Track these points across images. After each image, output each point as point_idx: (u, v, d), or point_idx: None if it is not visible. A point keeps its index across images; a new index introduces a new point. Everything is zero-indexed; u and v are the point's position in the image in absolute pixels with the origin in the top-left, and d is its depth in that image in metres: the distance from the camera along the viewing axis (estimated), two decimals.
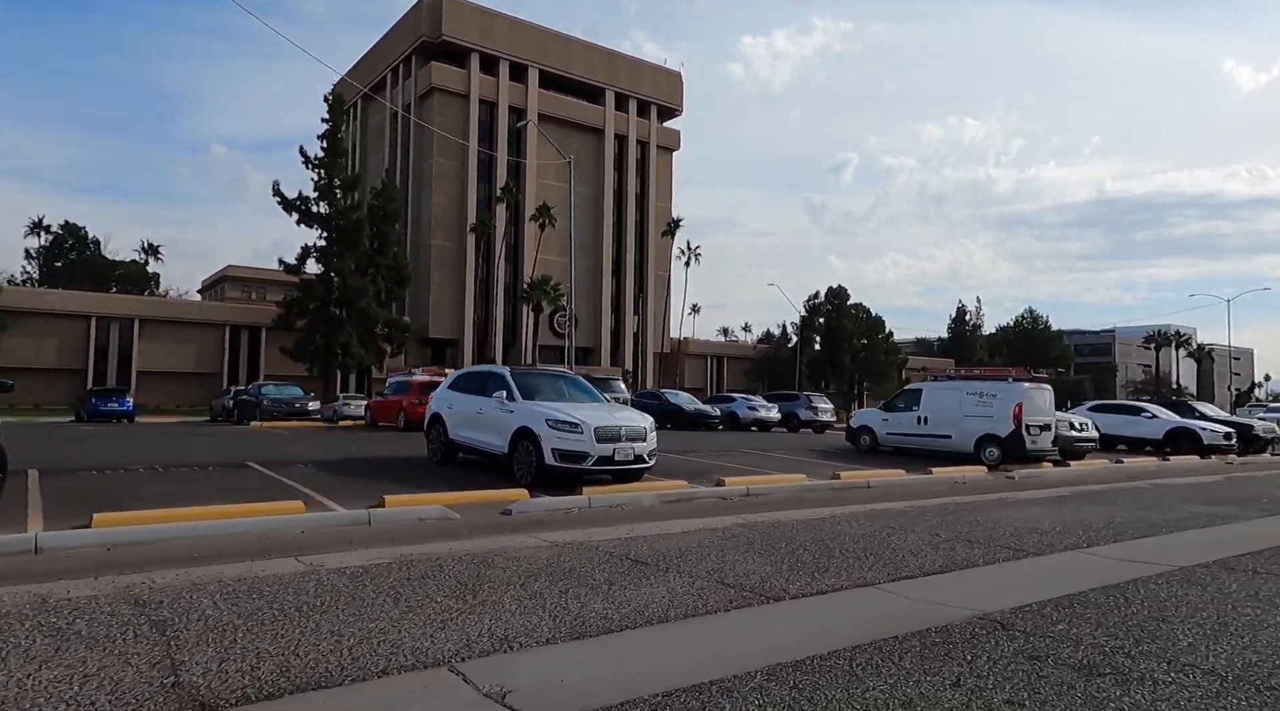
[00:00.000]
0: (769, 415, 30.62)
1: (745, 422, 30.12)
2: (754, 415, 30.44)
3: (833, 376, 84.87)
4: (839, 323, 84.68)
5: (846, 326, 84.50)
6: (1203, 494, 12.70)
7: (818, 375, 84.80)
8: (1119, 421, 23.47)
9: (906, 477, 13.54)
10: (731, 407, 31.37)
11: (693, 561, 6.33)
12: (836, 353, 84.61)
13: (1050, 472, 15.52)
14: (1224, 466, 19.04)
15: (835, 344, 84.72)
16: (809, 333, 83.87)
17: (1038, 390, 17.06)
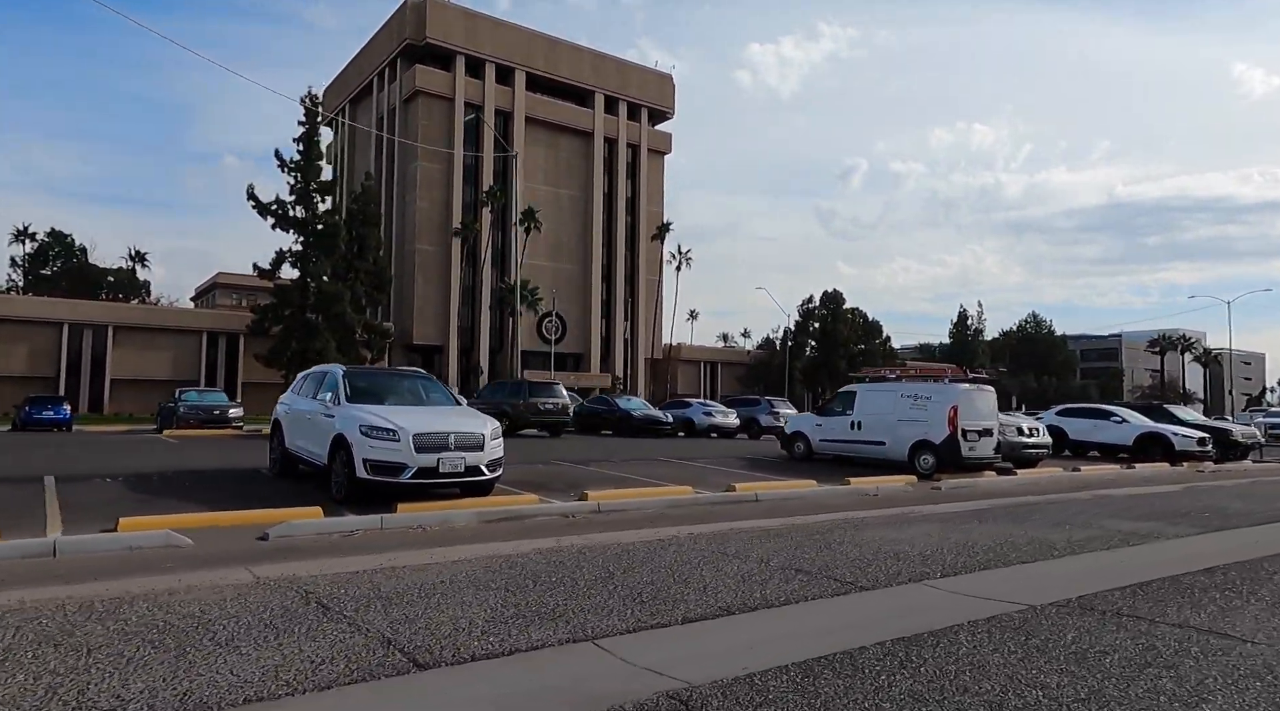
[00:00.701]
0: (727, 421, 29.23)
1: (702, 429, 28.81)
2: (710, 421, 29.10)
3: (828, 381, 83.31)
4: (834, 327, 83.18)
5: (842, 330, 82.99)
6: (1142, 507, 11.34)
7: (812, 380, 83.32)
8: (1087, 426, 22.04)
9: (814, 489, 12.20)
10: (687, 414, 30.04)
11: (396, 604, 5.09)
12: (831, 357, 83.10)
13: (986, 483, 14.13)
14: (1192, 474, 17.61)
15: (830, 348, 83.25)
16: (803, 337, 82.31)
17: (976, 392, 15.63)
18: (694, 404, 31.84)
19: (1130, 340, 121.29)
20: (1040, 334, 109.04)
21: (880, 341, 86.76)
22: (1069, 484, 14.63)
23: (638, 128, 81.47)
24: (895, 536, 8.30)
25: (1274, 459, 23.70)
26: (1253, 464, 21.57)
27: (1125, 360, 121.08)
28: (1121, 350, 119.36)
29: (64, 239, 76.86)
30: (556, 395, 25.11)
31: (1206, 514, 10.81)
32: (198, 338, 57.29)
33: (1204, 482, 15.63)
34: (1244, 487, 14.66)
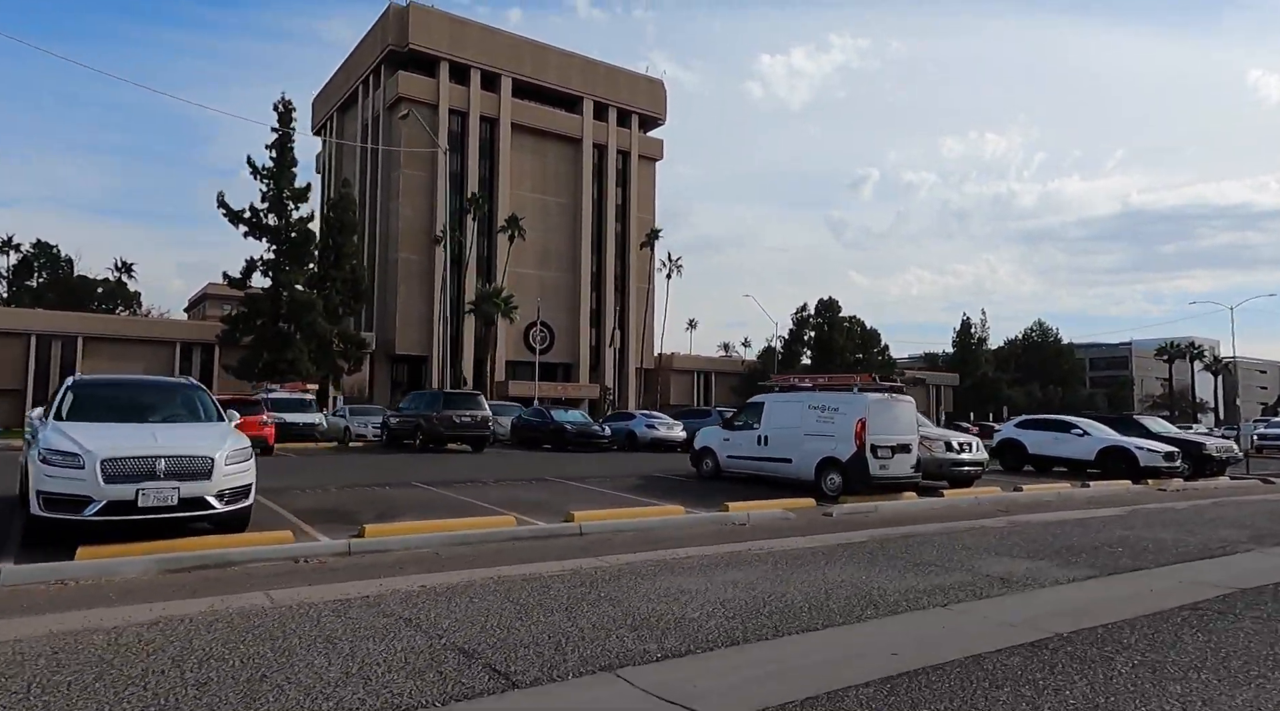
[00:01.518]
0: (671, 434, 27.43)
1: (644, 442, 27.09)
2: (653, 435, 27.37)
3: None
4: (830, 335, 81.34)
5: (838, 339, 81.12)
6: (1051, 539, 9.68)
7: None
8: (1047, 439, 20.28)
9: (669, 519, 10.43)
10: (630, 426, 28.35)
11: None
12: (828, 366, 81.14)
13: (892, 507, 12.35)
14: (1150, 494, 15.82)
15: (827, 357, 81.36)
16: (798, 346, 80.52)
17: (889, 403, 13.81)
18: (638, 415, 30.22)
19: (1141, 349, 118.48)
20: (1046, 342, 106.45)
21: (878, 350, 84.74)
22: (992, 508, 12.91)
23: (628, 134, 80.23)
24: (692, 586, 6.71)
25: (1257, 474, 21.81)
26: (1229, 481, 19.71)
27: (1136, 369, 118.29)
28: (1132, 359, 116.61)
29: (50, 250, 76.34)
30: (475, 407, 23.56)
31: (1119, 549, 9.13)
32: (171, 349, 56.31)
33: (1155, 504, 13.87)
34: (1195, 512, 12.90)
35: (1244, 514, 12.63)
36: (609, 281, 78.59)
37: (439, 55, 68.58)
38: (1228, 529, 10.95)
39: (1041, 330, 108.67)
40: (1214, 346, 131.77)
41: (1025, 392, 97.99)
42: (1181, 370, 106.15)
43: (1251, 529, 10.97)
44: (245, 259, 52.41)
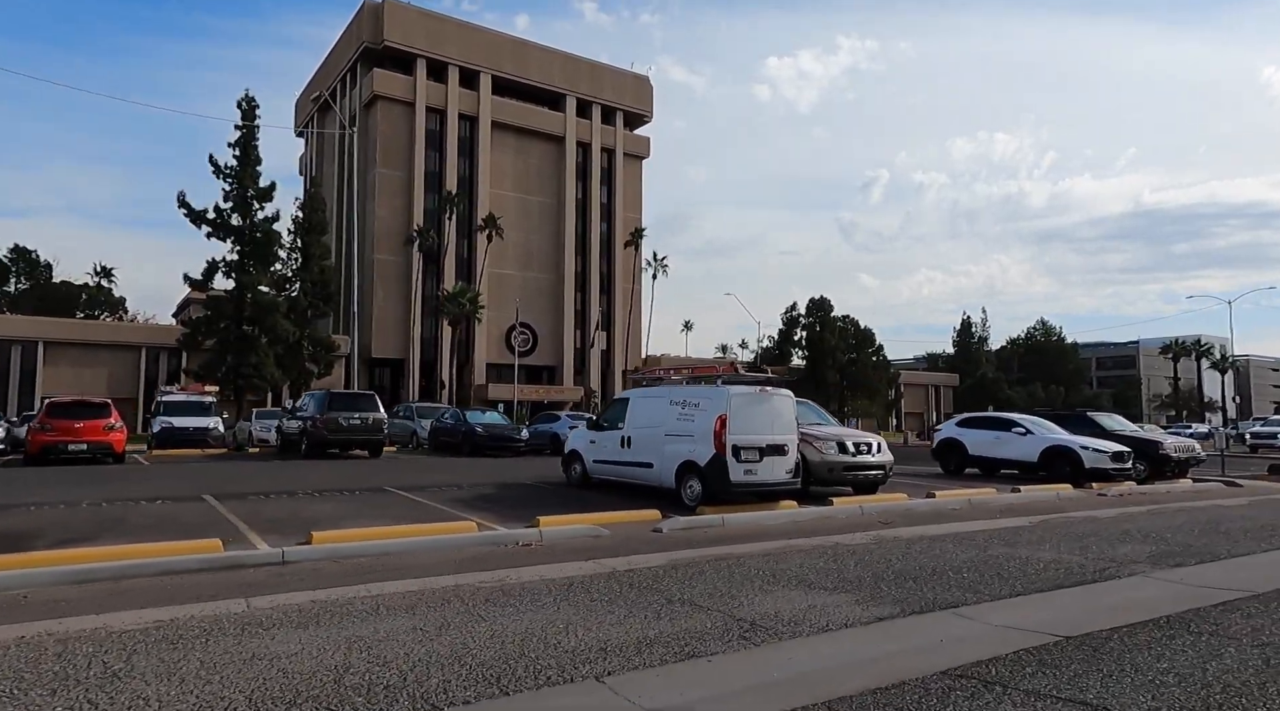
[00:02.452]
0: None
1: None
2: None
3: (816, 393, 79.33)
4: (821, 336, 79.24)
5: (829, 339, 79.01)
6: (900, 563, 7.92)
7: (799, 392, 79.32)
8: (988, 439, 18.41)
9: (431, 540, 8.56)
10: (554, 428, 26.58)
11: None
12: (820, 367, 79.17)
13: (749, 520, 10.37)
14: (1085, 500, 13.92)
15: (819, 358, 79.33)
16: (787, 347, 78.50)
17: (758, 398, 11.89)
18: (563, 417, 28.46)
19: (1148, 348, 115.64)
20: (1050, 341, 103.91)
21: (873, 350, 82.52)
22: (873, 520, 11.07)
23: (613, 131, 78.63)
24: (301, 645, 4.99)
25: (1235, 474, 19.80)
26: (1190, 484, 17.74)
27: (1144, 368, 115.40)
28: (1139, 358, 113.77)
29: (28, 255, 75.51)
30: (365, 409, 21.85)
31: (965, 575, 7.36)
32: (135, 354, 55.11)
33: (1076, 513, 12.02)
34: (1114, 523, 11.05)
35: (1169, 525, 10.79)
36: (594, 282, 76.96)
37: (416, 52, 67.23)
38: (1133, 544, 9.14)
39: (1045, 329, 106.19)
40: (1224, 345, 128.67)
41: (1027, 393, 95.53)
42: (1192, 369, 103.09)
43: (1161, 545, 9.15)
44: (206, 260, 51.11)
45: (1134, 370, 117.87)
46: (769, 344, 79.15)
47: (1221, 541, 9.58)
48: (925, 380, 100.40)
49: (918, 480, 17.19)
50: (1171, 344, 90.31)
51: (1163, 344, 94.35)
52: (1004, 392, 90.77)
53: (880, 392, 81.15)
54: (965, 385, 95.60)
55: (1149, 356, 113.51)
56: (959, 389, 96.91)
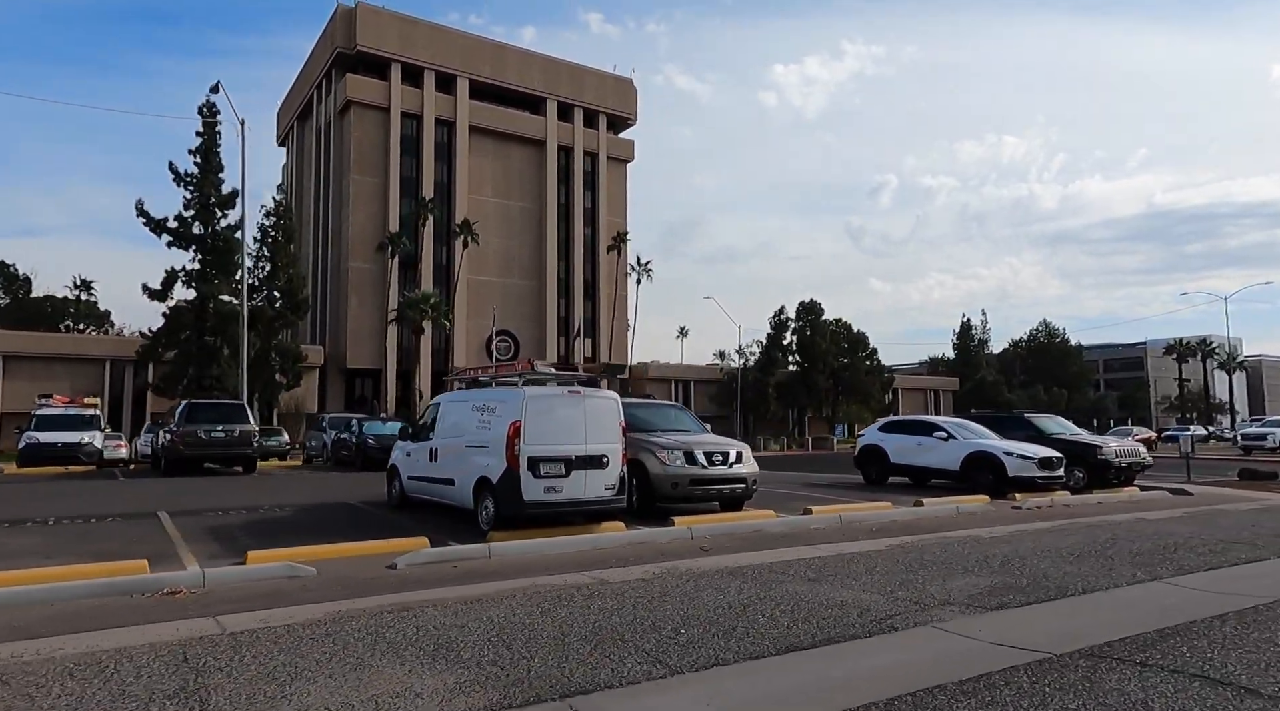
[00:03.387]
0: None
1: None
2: None
3: (808, 398, 77.45)
4: (811, 340, 77.29)
5: (820, 344, 77.05)
6: (600, 615, 6.17)
7: (789, 397, 77.50)
8: (909, 445, 16.63)
9: (39, 588, 7.04)
10: None
11: None
12: (811, 372, 77.22)
13: (530, 550, 8.56)
14: (988, 515, 12.13)
15: (809, 362, 77.38)
16: (775, 351, 76.60)
17: (565, 400, 10.11)
18: None
19: (1156, 348, 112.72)
20: (1053, 343, 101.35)
21: (866, 354, 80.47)
22: (702, 544, 9.35)
23: (595, 135, 77.20)
24: None
25: (1199, 480, 17.88)
26: (1136, 493, 15.85)
27: (1152, 370, 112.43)
28: (1147, 359, 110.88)
29: (6, 269, 74.90)
30: (231, 420, 20.24)
31: (670, 635, 5.62)
32: (99, 366, 54.02)
33: (955, 533, 10.26)
34: (983, 546, 9.28)
35: (1051, 547, 9.04)
36: (578, 288, 75.44)
37: (390, 57, 66.10)
38: (974, 577, 7.42)
39: (1048, 331, 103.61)
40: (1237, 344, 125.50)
41: (1029, 396, 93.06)
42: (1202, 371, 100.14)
43: (1007, 576, 7.43)
44: (165, 270, 49.98)
45: (1142, 372, 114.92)
46: (746, 348, 77.27)
47: (1094, 569, 7.84)
48: (924, 384, 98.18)
49: (827, 492, 15.46)
50: (1175, 344, 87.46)
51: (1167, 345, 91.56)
52: (1004, 396, 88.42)
53: (874, 397, 79.04)
54: (965, 389, 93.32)
55: (1157, 357, 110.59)
56: (959, 393, 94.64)
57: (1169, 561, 8.28)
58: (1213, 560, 8.33)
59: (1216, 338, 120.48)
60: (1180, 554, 8.72)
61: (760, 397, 75.40)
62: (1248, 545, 9.29)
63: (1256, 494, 16.11)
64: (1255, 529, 10.58)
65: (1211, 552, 8.81)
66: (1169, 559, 8.40)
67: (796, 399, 77.65)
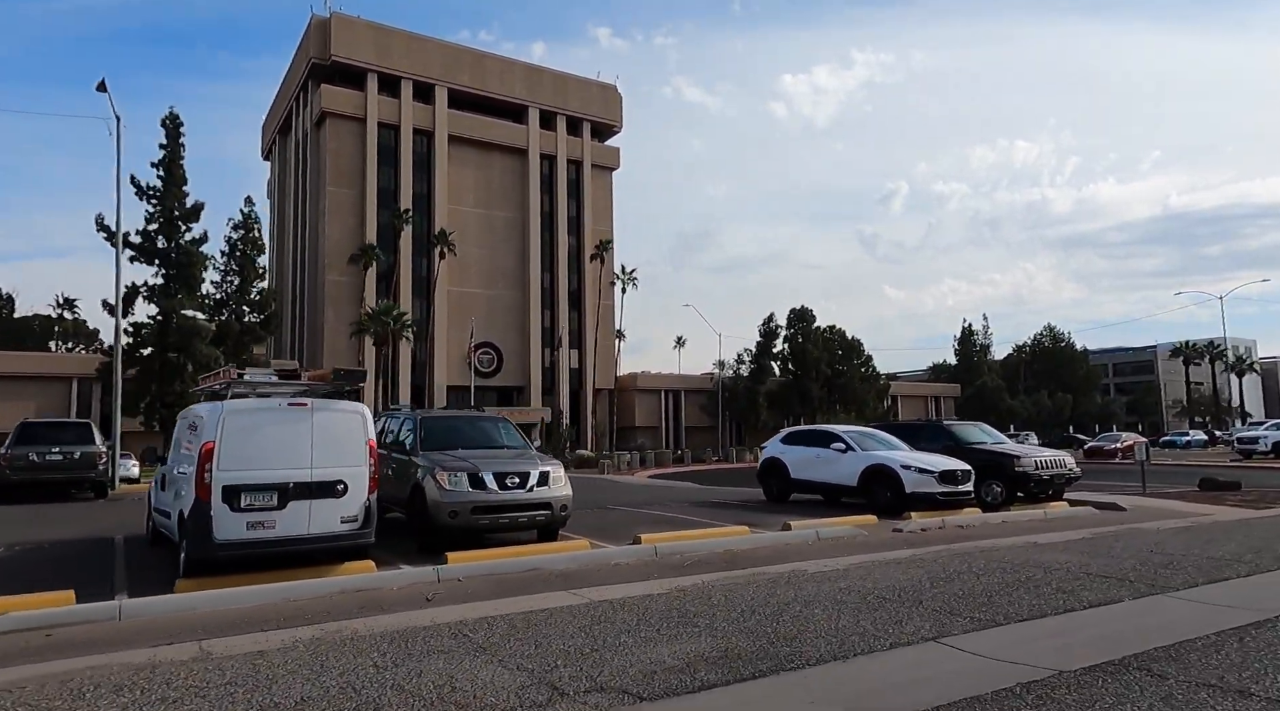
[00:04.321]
0: None
1: None
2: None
3: (801, 407, 75.48)
4: (803, 348, 75.41)
5: (812, 352, 75.17)
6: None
7: (782, 406, 75.58)
8: (808, 459, 14.95)
9: None
10: None
11: None
12: (802, 380, 75.32)
13: (173, 608, 7.16)
14: (865, 542, 10.46)
15: (801, 371, 75.49)
16: (765, 360, 74.78)
17: (279, 414, 8.50)
18: None
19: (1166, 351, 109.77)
20: (1058, 348, 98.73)
21: (860, 362, 78.47)
22: (428, 593, 7.75)
23: (579, 143, 75.97)
24: None
25: (1157, 491, 16.04)
26: (1050, 510, 14.06)
27: (1163, 373, 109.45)
28: (1157, 363, 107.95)
29: None
30: (70, 441, 18.68)
31: None
32: (66, 385, 53.17)
33: (782, 568, 8.61)
34: (779, 588, 7.62)
35: (875, 587, 7.43)
36: (562, 298, 74.05)
37: (366, 67, 65.26)
38: (688, 642, 5.79)
39: (1052, 335, 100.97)
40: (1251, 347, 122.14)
41: (1033, 402, 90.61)
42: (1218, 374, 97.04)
43: (733, 642, 5.82)
44: (126, 285, 48.95)
45: (1153, 375, 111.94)
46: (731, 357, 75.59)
47: (878, 621, 6.24)
48: (925, 391, 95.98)
49: (704, 513, 13.87)
50: (1182, 346, 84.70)
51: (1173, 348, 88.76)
52: (1005, 402, 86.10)
53: (870, 405, 76.93)
54: (966, 395, 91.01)
55: (1167, 361, 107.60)
56: (960, 399, 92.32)
57: (985, 608, 6.64)
58: (1041, 606, 6.69)
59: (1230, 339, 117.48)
60: (1015, 596, 7.06)
61: (751, 406, 73.58)
62: (1114, 581, 7.62)
63: (1198, 508, 14.34)
64: (1146, 557, 8.89)
65: (1055, 593, 7.15)
66: (989, 605, 6.75)
67: (789, 407, 75.72)
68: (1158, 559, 8.72)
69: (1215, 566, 8.32)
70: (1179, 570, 8.09)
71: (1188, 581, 7.55)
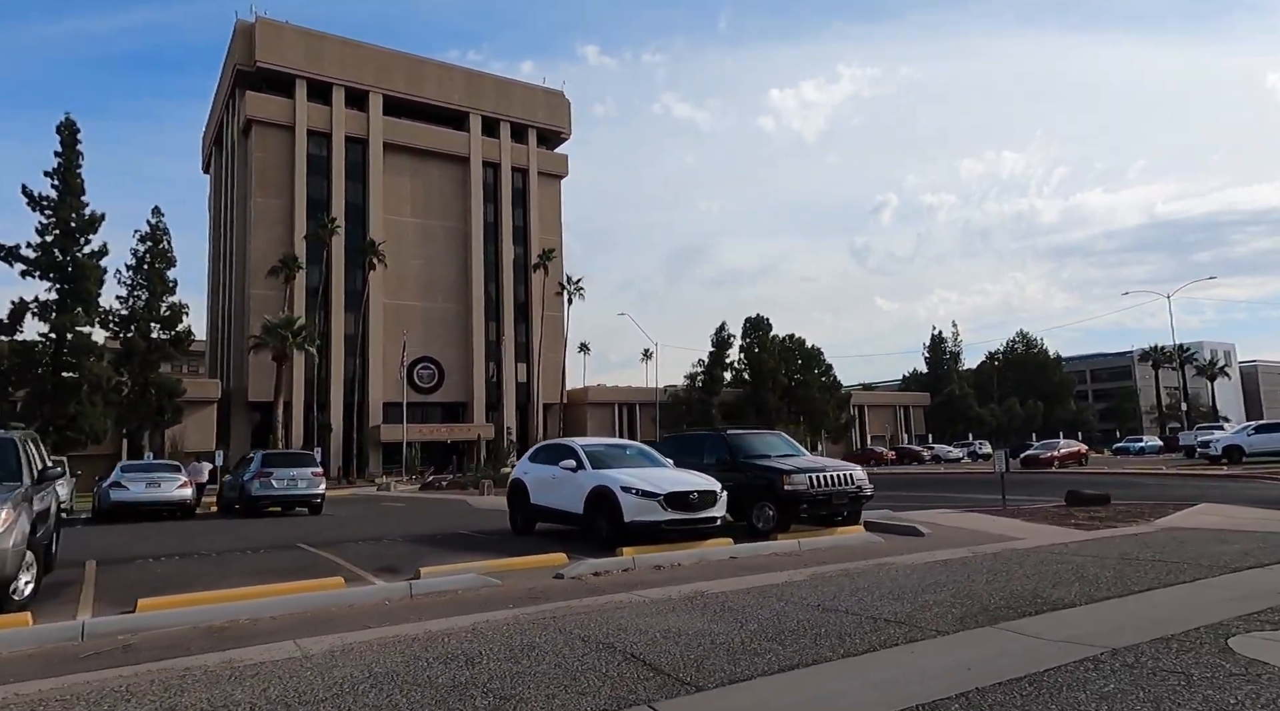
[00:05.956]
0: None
1: (262, 502, 19.02)
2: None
3: (758, 418, 72.68)
4: (760, 358, 72.81)
5: (768, 361, 72.56)
6: None
7: (738, 418, 72.78)
8: (545, 479, 12.18)
9: None
10: (240, 478, 20.08)
11: None
12: (759, 391, 72.68)
13: None
14: (507, 595, 7.77)
15: (758, 381, 72.86)
16: (718, 370, 72.09)
17: None
18: (255, 458, 22.28)
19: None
20: (1030, 354, 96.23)
21: (821, 371, 75.83)
22: None
23: (525, 150, 73.67)
24: None
25: (1003, 507, 13.32)
26: (854, 534, 11.35)
27: (1140, 379, 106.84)
28: (1134, 368, 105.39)
29: None
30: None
31: None
32: None
33: (361, 636, 5.92)
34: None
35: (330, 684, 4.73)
36: (508, 310, 71.48)
37: (295, 73, 62.98)
38: None
39: (1025, 341, 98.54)
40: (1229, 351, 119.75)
41: (1004, 409, 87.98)
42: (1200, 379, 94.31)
43: None
44: (11, 301, 46.45)
45: (1127, 381, 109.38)
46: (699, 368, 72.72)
47: None
48: (893, 400, 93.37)
49: (418, 551, 11.12)
50: (1151, 351, 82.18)
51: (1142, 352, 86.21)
52: (973, 410, 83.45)
53: (829, 416, 74.24)
54: (935, 404, 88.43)
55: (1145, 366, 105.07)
56: (930, 408, 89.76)
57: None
58: None
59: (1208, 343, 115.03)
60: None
61: (704, 419, 70.72)
62: (641, 671, 4.96)
63: (1022, 529, 11.68)
64: (816, 620, 6.22)
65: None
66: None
67: (745, 419, 72.95)
68: (830, 621, 6.08)
69: (905, 627, 5.71)
70: (828, 638, 5.49)
71: (815, 657, 4.99)
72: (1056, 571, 8.02)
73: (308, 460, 20.55)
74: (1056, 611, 6.22)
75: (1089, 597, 6.69)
